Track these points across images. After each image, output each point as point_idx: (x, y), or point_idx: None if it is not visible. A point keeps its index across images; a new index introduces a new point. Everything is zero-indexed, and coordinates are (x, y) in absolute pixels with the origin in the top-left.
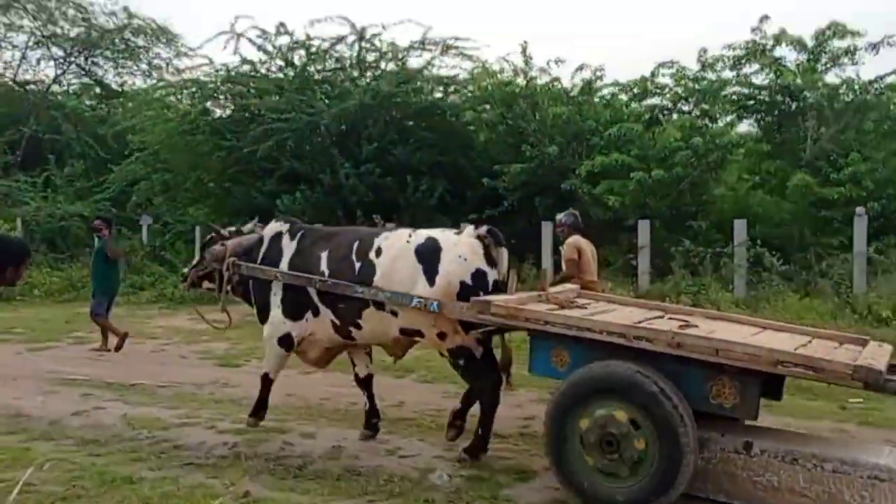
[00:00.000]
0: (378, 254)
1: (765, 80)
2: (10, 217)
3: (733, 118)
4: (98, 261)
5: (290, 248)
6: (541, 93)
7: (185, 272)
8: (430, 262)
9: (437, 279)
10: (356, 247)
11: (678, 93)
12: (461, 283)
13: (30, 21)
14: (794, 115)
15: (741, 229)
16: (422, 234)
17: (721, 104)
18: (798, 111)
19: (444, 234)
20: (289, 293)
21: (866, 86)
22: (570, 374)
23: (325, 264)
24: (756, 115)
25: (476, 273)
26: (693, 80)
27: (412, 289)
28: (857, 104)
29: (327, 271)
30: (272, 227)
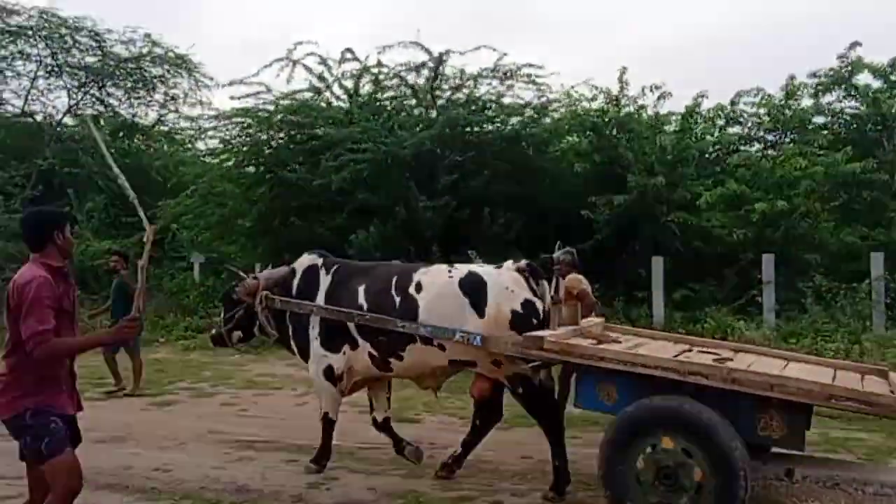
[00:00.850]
0: (419, 289)
1: (845, 107)
2: None
3: (843, 150)
4: (118, 297)
5: (326, 282)
6: (636, 120)
7: (213, 332)
8: (476, 295)
9: (487, 310)
10: (395, 281)
11: (763, 121)
12: (512, 311)
13: (41, 49)
14: (879, 143)
15: (878, 261)
16: (462, 269)
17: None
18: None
19: (485, 269)
20: (326, 326)
21: None
22: (617, 408)
23: (363, 297)
24: (847, 146)
25: (526, 302)
26: (778, 109)
27: (460, 322)
28: None
29: (366, 305)
30: (305, 259)
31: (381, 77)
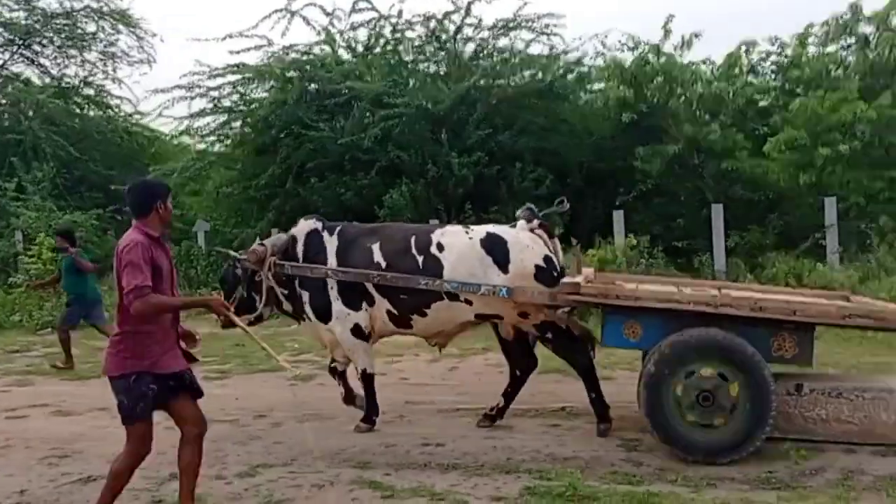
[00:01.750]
0: (440, 249)
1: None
2: (10, 232)
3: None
4: (68, 274)
5: (333, 244)
6: (682, 69)
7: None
8: (499, 254)
9: (510, 267)
10: (414, 242)
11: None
12: (536, 266)
13: None
14: None
15: None
16: (479, 230)
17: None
18: None
19: (501, 228)
20: (344, 285)
21: None
22: (642, 344)
23: (379, 256)
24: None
25: (546, 258)
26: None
27: (485, 279)
28: None
29: (384, 263)
30: (304, 224)
31: (399, 26)
